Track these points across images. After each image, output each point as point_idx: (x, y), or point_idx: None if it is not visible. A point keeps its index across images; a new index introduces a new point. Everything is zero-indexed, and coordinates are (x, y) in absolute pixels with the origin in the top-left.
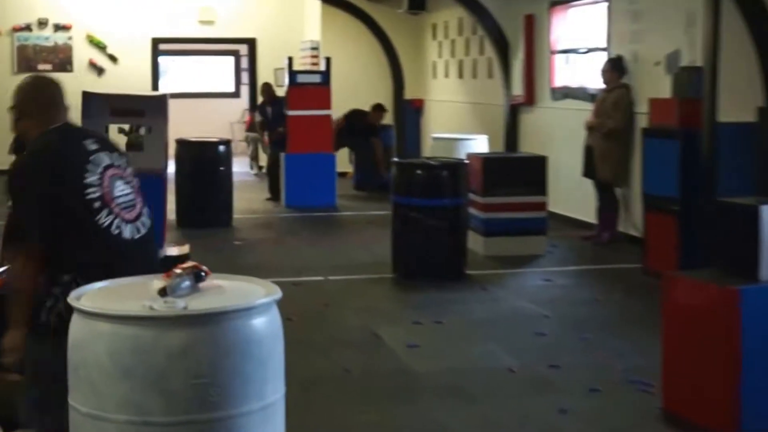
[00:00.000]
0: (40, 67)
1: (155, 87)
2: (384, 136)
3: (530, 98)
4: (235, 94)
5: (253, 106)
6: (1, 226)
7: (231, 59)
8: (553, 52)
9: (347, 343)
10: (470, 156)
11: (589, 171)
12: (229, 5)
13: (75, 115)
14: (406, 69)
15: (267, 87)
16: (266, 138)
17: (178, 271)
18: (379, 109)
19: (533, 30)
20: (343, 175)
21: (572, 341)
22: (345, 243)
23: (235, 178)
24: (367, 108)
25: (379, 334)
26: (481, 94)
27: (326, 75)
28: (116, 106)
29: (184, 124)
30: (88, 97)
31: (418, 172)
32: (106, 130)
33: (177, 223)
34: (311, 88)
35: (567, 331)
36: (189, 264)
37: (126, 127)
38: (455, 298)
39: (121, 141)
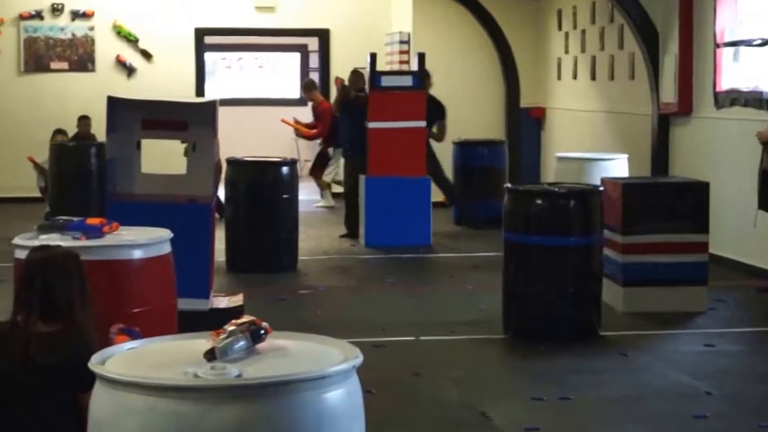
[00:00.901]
0: (54, 65)
1: (200, 91)
2: (493, 156)
3: (686, 106)
4: (302, 101)
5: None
6: None
7: (296, 56)
8: (719, 45)
9: (445, 424)
10: (605, 181)
11: (765, 201)
12: None
13: (98, 127)
14: (522, 68)
15: (357, 77)
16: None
17: (229, 328)
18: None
19: (691, 16)
20: (440, 205)
21: (746, 428)
22: (442, 293)
23: (302, 209)
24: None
25: (487, 413)
26: (621, 100)
27: (419, 76)
28: (151, 115)
29: (237, 139)
30: (114, 104)
31: (538, 202)
32: (138, 146)
33: (227, 265)
34: (399, 93)
35: (738, 415)
36: (244, 319)
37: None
38: (586, 367)
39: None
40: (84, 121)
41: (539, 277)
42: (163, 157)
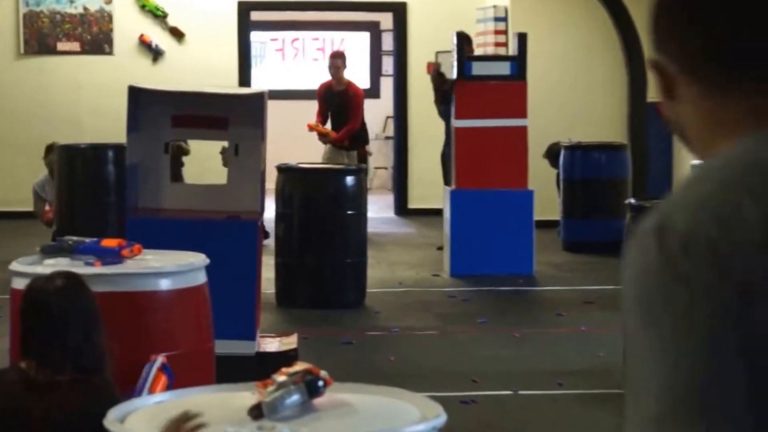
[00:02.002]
0: (62, 46)
1: (244, 80)
2: (612, 163)
3: None
4: (373, 92)
5: (398, 107)
6: None
7: (365, 37)
8: None
9: None
10: None
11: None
12: None
13: (116, 125)
14: (649, 52)
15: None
16: None
17: (280, 378)
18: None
19: None
20: (547, 224)
21: None
22: (547, 335)
23: (372, 228)
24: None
25: None
26: None
27: (520, 62)
28: (182, 111)
29: (289, 141)
30: (137, 97)
31: None
32: (166, 149)
33: (278, 299)
34: (494, 83)
35: None
36: (297, 367)
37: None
38: None
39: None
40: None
41: None
42: (197, 162)
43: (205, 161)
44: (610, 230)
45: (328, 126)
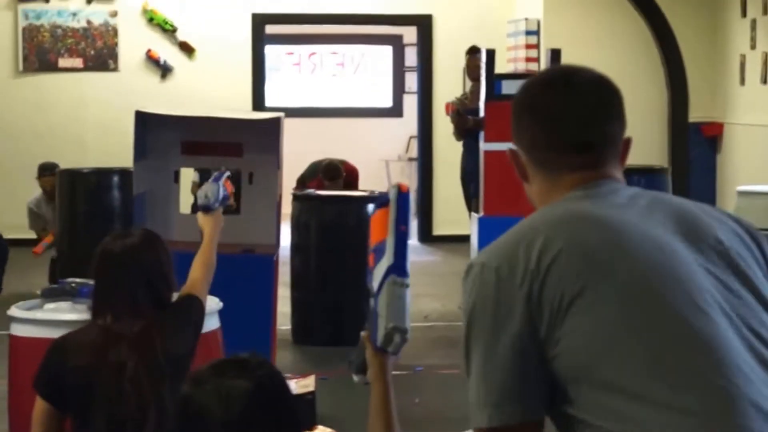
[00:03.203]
0: (64, 63)
1: (258, 99)
2: (652, 187)
3: None
4: (395, 111)
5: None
6: None
7: (388, 51)
8: None
9: None
10: None
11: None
12: None
13: (122, 145)
14: (692, 69)
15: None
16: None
17: None
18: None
19: None
20: None
21: None
22: None
23: None
24: None
25: None
26: None
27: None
28: (193, 136)
29: (306, 162)
30: (144, 122)
31: None
32: (176, 177)
33: (294, 336)
34: None
35: None
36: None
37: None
38: None
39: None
40: (49, 178)
41: None
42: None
43: None
44: None
45: None
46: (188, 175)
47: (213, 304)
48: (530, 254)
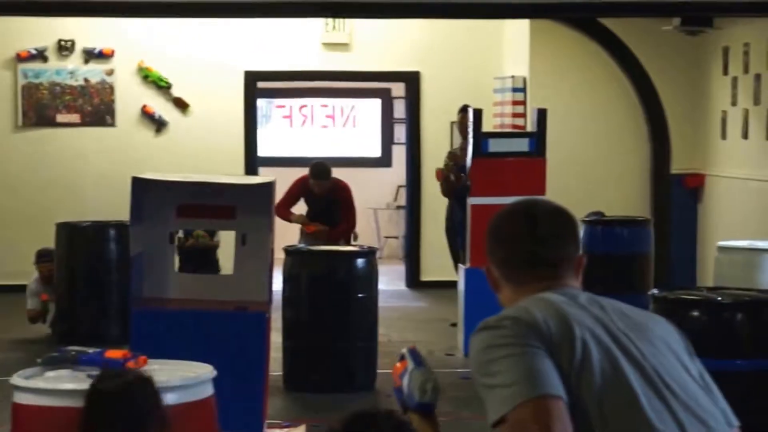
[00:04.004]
0: (62, 118)
1: (250, 150)
2: (635, 239)
3: None
4: (384, 161)
5: (411, 176)
6: None
7: (377, 104)
8: None
9: None
10: None
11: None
12: (373, 20)
13: (121, 202)
14: (674, 124)
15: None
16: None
17: None
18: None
19: None
20: None
21: None
22: None
23: (383, 302)
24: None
25: None
26: None
27: (539, 138)
28: (187, 200)
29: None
30: (141, 187)
31: (695, 314)
32: (171, 239)
33: (285, 383)
34: (512, 160)
35: None
36: None
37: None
38: None
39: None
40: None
41: None
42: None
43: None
44: (632, 304)
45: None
46: None
47: (207, 371)
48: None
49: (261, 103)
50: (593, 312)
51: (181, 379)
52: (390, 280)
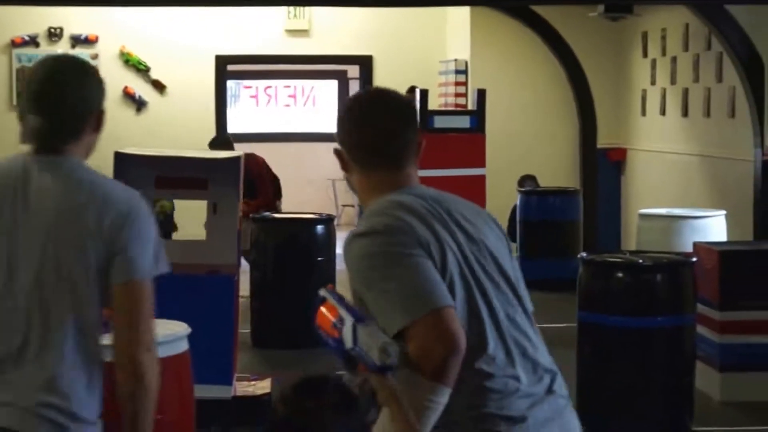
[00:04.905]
0: None
1: (221, 125)
2: (566, 207)
3: None
4: None
5: None
6: None
7: (334, 85)
8: None
9: None
10: (699, 248)
11: None
12: (331, 8)
13: (104, 172)
14: (600, 102)
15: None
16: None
17: None
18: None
19: None
20: None
21: None
22: None
23: (340, 266)
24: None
25: None
26: (717, 142)
27: (479, 116)
28: (165, 173)
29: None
30: (123, 161)
31: (619, 275)
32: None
33: (253, 340)
34: (455, 136)
35: None
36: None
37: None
38: None
39: None
40: None
41: (620, 363)
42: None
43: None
44: (565, 269)
45: None
46: None
47: (182, 329)
48: (407, 218)
49: (230, 84)
50: (442, 216)
51: (159, 336)
52: None
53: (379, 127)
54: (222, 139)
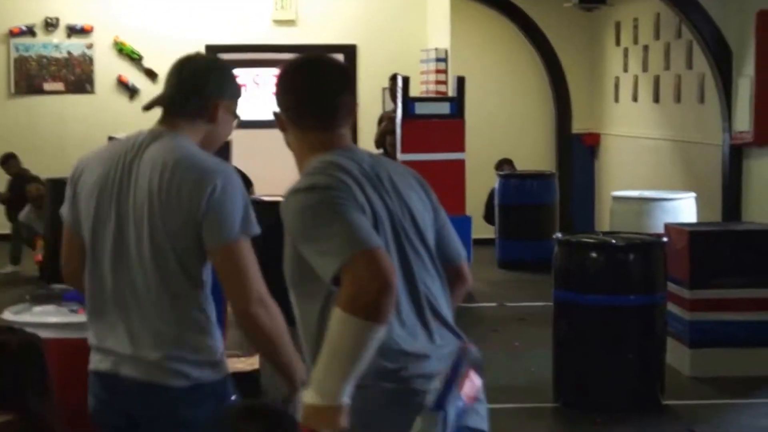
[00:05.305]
0: (48, 86)
1: None
2: (542, 190)
3: (763, 135)
4: None
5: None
6: None
7: None
8: None
9: None
10: (670, 228)
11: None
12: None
13: None
14: (575, 89)
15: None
16: None
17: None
18: None
19: None
20: (482, 243)
21: None
22: (485, 351)
23: None
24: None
25: None
26: (688, 127)
27: (458, 102)
28: None
29: (253, 167)
30: None
31: (593, 255)
32: None
33: None
34: (436, 121)
35: None
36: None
37: None
38: None
39: None
40: (12, 161)
41: (594, 340)
42: None
43: None
44: (541, 250)
45: None
46: None
47: None
48: (340, 176)
49: None
50: (375, 181)
51: None
52: None
53: (312, 87)
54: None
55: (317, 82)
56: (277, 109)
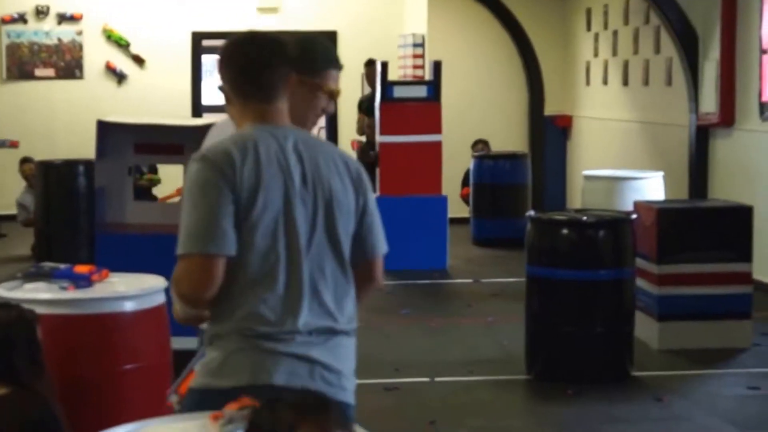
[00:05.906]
0: (39, 72)
1: (196, 97)
2: (515, 171)
3: (728, 117)
4: None
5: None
6: None
7: None
8: (765, 51)
9: None
10: (639, 206)
11: None
12: None
13: (87, 140)
14: (547, 73)
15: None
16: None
17: (229, 411)
18: None
19: (735, 18)
20: (458, 221)
21: None
22: (460, 326)
23: None
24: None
25: None
26: (656, 109)
27: (435, 86)
28: (144, 139)
29: None
30: (104, 129)
31: (564, 231)
32: (130, 171)
33: None
34: (413, 104)
35: None
36: (245, 402)
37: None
38: (616, 413)
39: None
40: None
41: (566, 314)
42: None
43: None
44: (514, 228)
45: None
46: None
47: (160, 282)
48: (237, 155)
49: (205, 58)
50: (283, 160)
51: (138, 289)
52: None
53: (248, 59)
54: None
55: (250, 53)
56: (221, 83)
